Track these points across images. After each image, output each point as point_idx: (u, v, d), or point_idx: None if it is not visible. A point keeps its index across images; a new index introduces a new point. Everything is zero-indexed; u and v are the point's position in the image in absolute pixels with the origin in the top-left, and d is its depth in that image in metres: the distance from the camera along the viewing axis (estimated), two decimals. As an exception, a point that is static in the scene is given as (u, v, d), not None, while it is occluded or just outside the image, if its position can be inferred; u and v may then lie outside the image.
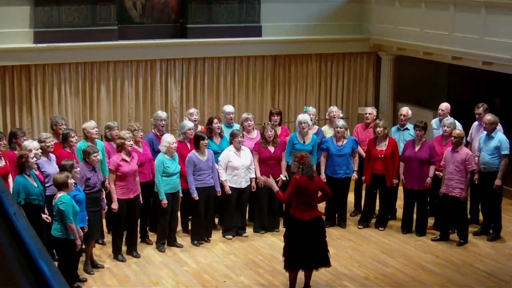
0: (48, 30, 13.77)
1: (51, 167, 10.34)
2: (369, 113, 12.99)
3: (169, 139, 11.10)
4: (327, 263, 9.65)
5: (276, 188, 9.88)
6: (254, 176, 11.91)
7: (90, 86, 14.38)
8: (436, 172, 11.84)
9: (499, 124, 11.88)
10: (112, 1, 14.29)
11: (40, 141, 10.38)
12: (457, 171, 11.37)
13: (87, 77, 14.32)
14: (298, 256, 9.40)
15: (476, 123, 12.45)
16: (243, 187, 11.78)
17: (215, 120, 12.16)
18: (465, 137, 11.88)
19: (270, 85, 16.12)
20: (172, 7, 15.13)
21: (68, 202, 9.04)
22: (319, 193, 9.74)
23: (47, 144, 10.43)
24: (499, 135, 11.65)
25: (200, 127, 12.44)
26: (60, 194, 9.11)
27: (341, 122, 12.24)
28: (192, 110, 12.68)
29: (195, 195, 11.30)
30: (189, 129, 11.69)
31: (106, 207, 10.64)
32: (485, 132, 11.76)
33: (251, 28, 15.55)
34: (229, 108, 12.98)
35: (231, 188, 11.67)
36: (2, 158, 10.23)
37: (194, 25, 15.05)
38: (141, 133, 11.40)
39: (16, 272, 2.40)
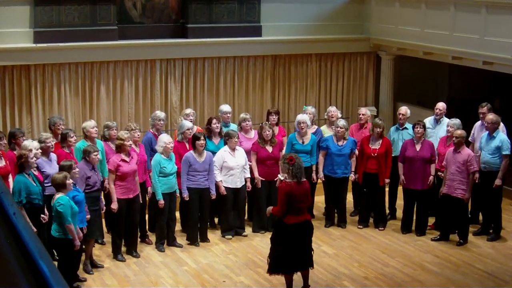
0: (48, 30, 13.76)
1: (51, 167, 10.33)
2: (363, 114, 13.00)
3: (165, 139, 11.09)
4: (311, 264, 9.62)
5: (269, 210, 9.77)
6: (249, 176, 11.90)
7: (90, 86, 14.37)
8: (438, 173, 11.85)
9: (502, 124, 11.88)
10: (112, 1, 14.28)
11: (40, 141, 10.38)
12: (458, 172, 11.36)
13: (87, 77, 14.32)
14: (283, 260, 9.37)
15: (479, 122, 12.43)
16: (238, 187, 11.77)
17: (214, 120, 12.15)
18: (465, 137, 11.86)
19: (270, 85, 16.12)
20: (172, 7, 15.12)
21: (66, 203, 9.03)
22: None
23: (47, 144, 10.42)
24: (501, 135, 11.64)
25: (195, 128, 12.41)
26: (58, 195, 9.11)
27: (341, 122, 12.23)
28: (188, 110, 12.66)
29: (186, 196, 11.30)
30: (188, 129, 11.69)
31: (104, 207, 10.64)
32: (487, 132, 11.76)
33: (251, 28, 15.55)
34: (226, 107, 12.96)
35: (227, 188, 11.65)
36: (2, 158, 10.23)
37: (194, 25, 15.04)
38: (138, 133, 11.40)
39: (16, 272, 2.40)
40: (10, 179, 9.97)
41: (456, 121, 11.95)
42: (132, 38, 14.64)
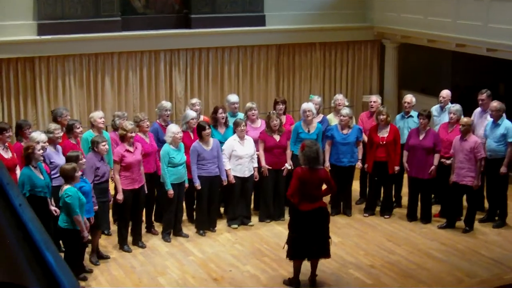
0: (51, 22, 13.77)
1: (59, 158, 10.35)
2: (374, 102, 12.93)
3: (174, 129, 11.10)
4: (326, 254, 9.65)
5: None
6: (257, 166, 11.91)
7: (94, 78, 14.40)
8: (442, 160, 11.83)
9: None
10: (116, -8, 14.30)
11: (48, 132, 10.40)
12: (466, 160, 11.35)
13: (91, 69, 14.34)
14: (299, 246, 9.41)
15: (478, 109, 12.40)
16: (246, 176, 11.79)
17: (220, 110, 12.15)
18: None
19: (274, 74, 16.12)
20: (176, -2, 15.13)
21: (74, 194, 9.06)
22: (324, 186, 9.68)
23: (56, 135, 10.44)
24: (506, 123, 11.62)
25: (202, 117, 12.43)
26: (66, 187, 9.14)
27: (345, 111, 12.22)
28: (194, 100, 12.67)
29: (198, 185, 11.33)
30: (192, 119, 11.69)
31: (112, 198, 10.66)
32: (492, 119, 11.74)
33: (255, 18, 15.53)
34: (233, 97, 12.94)
35: (235, 177, 11.68)
36: (9, 150, 10.25)
37: (198, 15, 15.03)
38: (147, 123, 11.39)
39: (22, 263, 2.42)
40: (18, 171, 9.99)
41: (457, 106, 11.93)
42: (136, 29, 14.64)
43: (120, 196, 10.57)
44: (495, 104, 11.66)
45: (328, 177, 9.80)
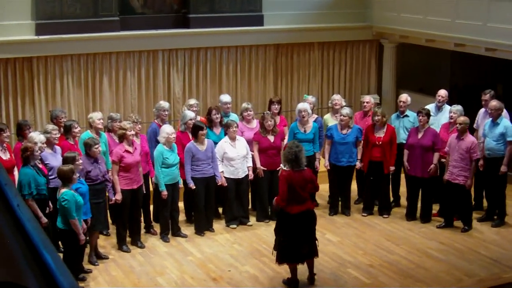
0: (50, 22, 13.72)
1: (55, 159, 10.32)
2: (367, 102, 12.99)
3: (168, 130, 11.09)
4: (314, 255, 9.61)
5: (274, 201, 9.70)
6: (251, 165, 11.90)
7: (92, 78, 14.36)
8: (442, 160, 11.82)
9: (505, 110, 11.86)
10: (114, -8, 14.27)
11: (46, 132, 10.37)
12: (461, 159, 11.35)
13: (89, 69, 14.31)
14: (289, 250, 9.38)
15: (482, 109, 12.41)
16: (240, 177, 11.77)
17: (213, 111, 12.13)
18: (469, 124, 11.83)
19: (272, 74, 16.09)
20: (174, -3, 15.11)
21: (70, 198, 9.05)
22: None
23: (53, 136, 10.41)
24: (505, 122, 11.63)
25: (199, 118, 12.40)
26: (63, 190, 9.12)
27: (345, 111, 12.20)
28: (192, 101, 12.63)
29: (192, 185, 11.32)
30: (191, 119, 11.67)
31: (114, 199, 10.62)
32: (491, 118, 11.74)
33: (253, 17, 15.51)
34: (225, 98, 12.91)
35: (228, 179, 11.66)
36: (7, 151, 10.23)
37: (196, 14, 15.00)
38: (139, 126, 11.39)
39: (21, 264, 2.41)
40: (16, 172, 9.98)
41: (459, 107, 11.93)
42: (134, 29, 14.61)
43: (119, 197, 10.56)
44: (494, 103, 11.67)
45: (312, 177, 9.67)
